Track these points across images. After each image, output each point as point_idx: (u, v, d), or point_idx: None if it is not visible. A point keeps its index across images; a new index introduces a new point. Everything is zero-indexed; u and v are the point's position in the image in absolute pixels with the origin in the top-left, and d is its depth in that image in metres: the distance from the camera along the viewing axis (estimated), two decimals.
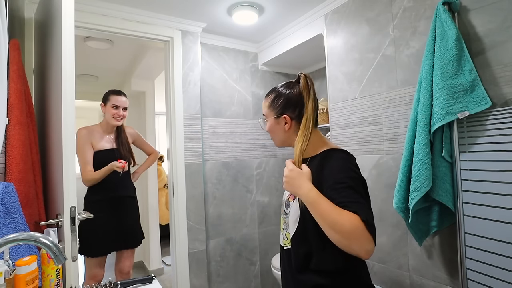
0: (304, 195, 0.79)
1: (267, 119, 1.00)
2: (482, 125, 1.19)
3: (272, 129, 0.99)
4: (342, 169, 0.83)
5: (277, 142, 1.01)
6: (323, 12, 1.96)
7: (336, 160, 0.86)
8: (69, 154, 1.13)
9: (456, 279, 1.32)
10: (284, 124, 0.96)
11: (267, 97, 1.00)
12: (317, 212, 0.75)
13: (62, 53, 1.11)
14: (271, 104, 0.99)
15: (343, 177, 0.80)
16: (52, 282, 0.88)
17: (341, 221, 0.71)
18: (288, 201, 0.97)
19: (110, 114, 1.90)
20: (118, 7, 1.85)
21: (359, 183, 0.82)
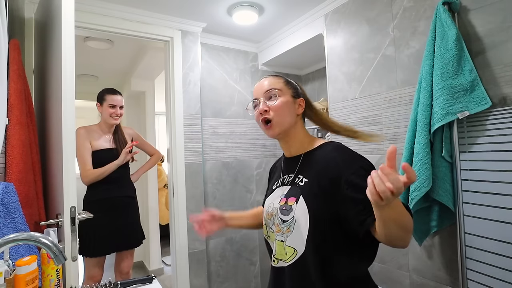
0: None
1: (279, 96, 0.87)
2: (482, 125, 1.19)
3: (287, 106, 0.87)
4: (357, 155, 0.79)
5: (282, 124, 0.86)
6: (323, 12, 1.96)
7: (343, 149, 0.82)
8: (69, 154, 1.13)
9: (456, 279, 1.32)
10: (298, 107, 0.90)
11: (275, 76, 0.92)
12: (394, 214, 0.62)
13: (62, 53, 1.11)
14: (287, 83, 0.91)
15: (364, 164, 0.76)
16: (52, 282, 0.88)
17: (408, 216, 0.65)
18: (286, 206, 0.83)
19: (107, 113, 1.90)
20: (118, 7, 1.85)
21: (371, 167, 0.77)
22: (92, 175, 1.79)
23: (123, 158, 1.86)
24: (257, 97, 0.91)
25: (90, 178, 1.80)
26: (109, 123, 1.92)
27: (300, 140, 0.90)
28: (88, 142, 1.85)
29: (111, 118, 1.90)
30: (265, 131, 0.90)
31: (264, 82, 0.91)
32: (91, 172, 1.79)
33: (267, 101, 0.88)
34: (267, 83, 0.90)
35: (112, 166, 1.83)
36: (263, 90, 0.89)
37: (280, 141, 0.93)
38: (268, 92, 0.89)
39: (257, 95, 0.91)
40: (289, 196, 0.84)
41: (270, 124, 0.87)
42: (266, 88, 0.89)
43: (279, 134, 0.88)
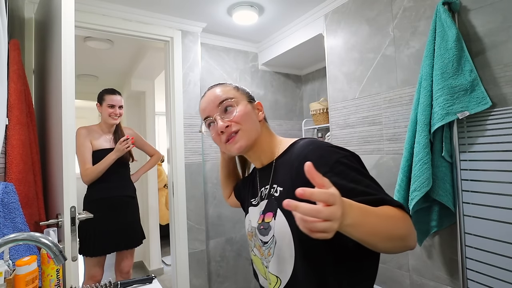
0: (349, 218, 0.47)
1: (236, 105, 0.74)
2: (482, 125, 1.19)
3: (249, 115, 0.75)
4: (331, 149, 0.65)
5: (249, 135, 0.74)
6: (323, 12, 1.96)
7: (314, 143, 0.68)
8: (69, 154, 1.13)
9: (456, 279, 1.32)
10: (258, 112, 0.79)
11: (221, 84, 0.79)
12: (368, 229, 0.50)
13: (62, 53, 1.11)
14: (238, 89, 0.78)
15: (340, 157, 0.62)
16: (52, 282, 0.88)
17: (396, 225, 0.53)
18: (264, 224, 0.71)
19: (106, 113, 1.91)
20: (118, 7, 1.85)
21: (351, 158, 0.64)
22: (92, 173, 1.79)
23: (119, 151, 1.83)
24: (210, 114, 0.75)
25: (90, 177, 1.80)
26: (109, 123, 1.92)
27: (269, 146, 0.79)
28: (88, 141, 1.85)
29: (110, 118, 1.91)
30: (226, 148, 0.75)
31: (213, 94, 0.76)
32: (91, 171, 1.79)
33: (223, 116, 0.74)
34: (215, 95, 0.76)
35: (108, 159, 1.81)
36: (215, 103, 0.74)
37: (247, 154, 0.80)
38: (222, 105, 0.74)
39: (209, 112, 0.75)
40: (266, 211, 0.72)
41: (232, 138, 0.73)
42: (218, 101, 0.74)
43: (246, 147, 0.74)
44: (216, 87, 0.78)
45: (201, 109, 0.78)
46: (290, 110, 2.79)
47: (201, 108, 0.78)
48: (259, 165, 0.82)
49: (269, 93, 2.67)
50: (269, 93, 2.67)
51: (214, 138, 0.77)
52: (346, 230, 0.47)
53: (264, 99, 2.63)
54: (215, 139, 0.76)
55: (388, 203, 0.56)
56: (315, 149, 0.66)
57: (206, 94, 0.78)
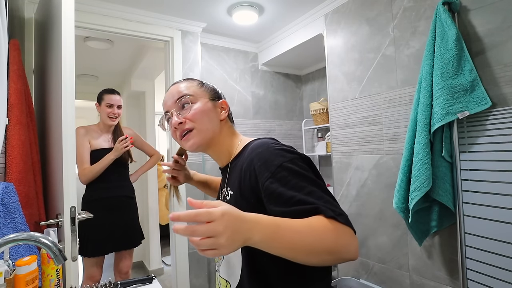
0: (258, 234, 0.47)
1: (192, 102, 0.73)
2: (482, 125, 1.19)
3: (205, 113, 0.73)
4: (278, 151, 0.62)
5: (203, 133, 0.73)
6: (323, 12, 1.96)
7: (262, 145, 0.66)
8: (69, 154, 1.13)
9: (456, 279, 1.32)
10: (221, 111, 0.78)
11: (186, 80, 0.79)
12: (284, 244, 0.49)
13: (62, 53, 1.11)
14: (202, 85, 0.78)
15: (284, 161, 0.60)
16: (52, 282, 0.88)
17: (320, 238, 0.50)
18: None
19: (105, 113, 1.90)
20: (118, 7, 1.85)
21: (299, 161, 0.61)
22: (89, 173, 1.79)
23: (118, 151, 1.83)
24: (168, 109, 0.75)
25: (88, 177, 1.79)
26: (107, 123, 1.92)
27: (228, 146, 0.78)
28: (87, 141, 1.85)
29: (108, 118, 1.90)
30: (182, 144, 0.76)
31: (175, 89, 0.76)
32: (88, 170, 1.79)
33: (180, 112, 0.74)
34: (176, 90, 0.75)
35: (107, 159, 1.81)
36: (174, 99, 0.74)
37: (207, 153, 0.80)
38: (179, 101, 0.73)
39: (168, 106, 0.75)
40: None
41: (187, 135, 0.73)
42: (176, 97, 0.74)
43: (199, 146, 0.74)
44: (181, 82, 0.78)
45: (163, 103, 0.78)
46: (290, 110, 2.79)
47: (163, 102, 0.78)
48: (221, 165, 0.82)
49: (269, 93, 2.67)
50: (269, 93, 2.67)
51: (172, 133, 0.76)
52: (259, 246, 0.48)
53: (264, 99, 2.63)
54: (172, 134, 0.76)
55: (321, 213, 0.53)
56: (262, 152, 0.64)
57: (170, 89, 0.78)
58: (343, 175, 1.86)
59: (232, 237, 0.44)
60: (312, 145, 2.74)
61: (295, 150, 0.64)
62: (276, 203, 0.57)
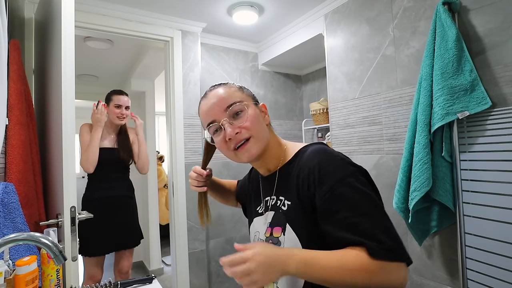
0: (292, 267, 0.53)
1: (244, 108, 0.67)
2: (482, 125, 1.19)
3: (258, 119, 0.68)
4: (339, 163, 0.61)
5: (261, 142, 0.68)
6: (323, 12, 1.96)
7: (322, 154, 0.63)
8: (69, 154, 1.13)
9: (456, 279, 1.32)
10: (264, 116, 0.72)
11: (225, 85, 0.71)
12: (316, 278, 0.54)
13: (62, 53, 1.11)
14: (243, 90, 0.72)
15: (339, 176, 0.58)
16: (52, 282, 0.88)
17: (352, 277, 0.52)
18: (273, 238, 0.68)
19: (113, 113, 1.92)
20: (118, 7, 1.85)
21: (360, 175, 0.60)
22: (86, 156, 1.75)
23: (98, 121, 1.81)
24: (216, 118, 0.67)
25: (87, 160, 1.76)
26: (115, 123, 1.94)
27: (276, 153, 0.73)
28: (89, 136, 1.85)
29: (116, 119, 1.92)
30: (236, 156, 0.68)
31: (217, 97, 0.68)
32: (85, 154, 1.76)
33: (233, 121, 0.66)
34: (220, 96, 0.68)
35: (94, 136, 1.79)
36: (223, 106, 0.66)
37: (254, 163, 0.74)
38: (230, 109, 0.66)
39: (214, 116, 0.67)
40: (274, 225, 0.69)
41: (243, 145, 0.66)
42: (225, 104, 0.66)
43: (257, 156, 0.68)
44: (219, 87, 0.70)
45: (204, 113, 0.69)
46: (290, 110, 2.79)
47: (203, 111, 0.69)
48: (264, 173, 0.77)
49: (269, 93, 2.67)
50: (269, 93, 2.67)
51: (220, 146, 0.69)
52: (297, 276, 0.55)
53: (264, 99, 2.63)
54: (221, 147, 0.68)
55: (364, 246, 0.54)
56: (322, 162, 0.62)
57: (209, 96, 0.69)
58: None
59: (266, 272, 0.52)
60: None
61: (354, 163, 0.63)
62: (327, 221, 0.58)
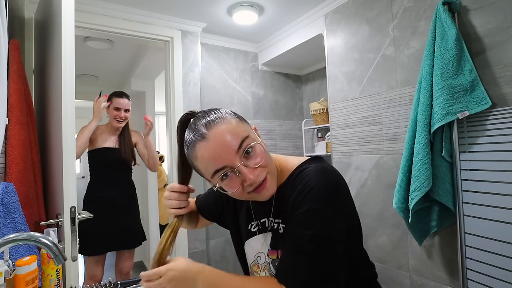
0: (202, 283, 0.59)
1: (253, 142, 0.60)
2: (482, 125, 1.19)
3: (265, 150, 0.62)
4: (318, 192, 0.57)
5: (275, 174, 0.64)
6: (323, 12, 1.96)
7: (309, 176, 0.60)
8: (69, 154, 1.13)
9: (456, 279, 1.32)
10: (261, 139, 0.64)
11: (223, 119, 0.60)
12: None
13: (62, 53, 1.11)
14: (239, 118, 0.63)
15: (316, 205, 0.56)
16: (52, 282, 0.88)
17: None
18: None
19: (112, 115, 1.93)
20: (118, 7, 1.85)
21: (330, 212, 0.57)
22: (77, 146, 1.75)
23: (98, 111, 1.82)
24: (229, 164, 0.58)
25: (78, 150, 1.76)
26: (113, 125, 1.94)
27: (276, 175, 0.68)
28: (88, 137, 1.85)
29: (115, 121, 1.93)
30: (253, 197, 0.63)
31: (222, 136, 0.58)
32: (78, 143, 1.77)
33: (247, 161, 0.59)
34: (231, 135, 0.58)
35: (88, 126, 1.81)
36: (234, 148, 0.58)
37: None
38: (241, 147, 0.58)
39: (227, 160, 0.58)
40: (278, 247, 0.68)
41: (263, 185, 0.61)
42: (237, 143, 0.58)
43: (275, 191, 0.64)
44: (220, 124, 0.58)
45: (209, 159, 0.58)
46: (290, 110, 2.79)
47: (207, 157, 0.58)
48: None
49: (269, 93, 2.67)
50: (269, 93, 2.67)
51: (233, 192, 0.61)
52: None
53: (264, 99, 2.63)
54: (236, 192, 0.61)
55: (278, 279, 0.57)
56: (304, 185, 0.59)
57: (211, 137, 0.57)
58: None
59: (176, 286, 0.58)
60: (312, 145, 2.74)
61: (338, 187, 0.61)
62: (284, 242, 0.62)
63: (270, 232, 0.70)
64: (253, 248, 0.74)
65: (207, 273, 0.59)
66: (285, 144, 2.73)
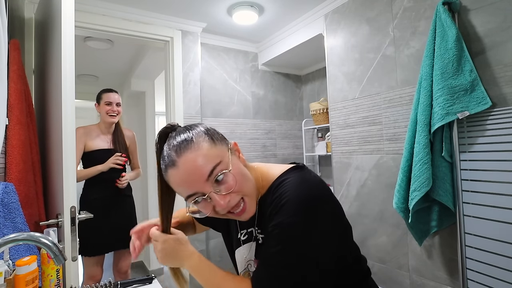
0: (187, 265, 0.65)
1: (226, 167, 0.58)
2: (482, 125, 1.19)
3: (243, 171, 0.61)
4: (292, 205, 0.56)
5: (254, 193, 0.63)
6: (323, 12, 1.96)
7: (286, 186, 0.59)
8: (69, 154, 1.13)
9: (456, 279, 1.32)
10: (239, 157, 0.64)
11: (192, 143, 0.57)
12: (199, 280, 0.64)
13: (62, 53, 1.11)
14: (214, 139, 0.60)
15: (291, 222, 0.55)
16: (52, 282, 0.88)
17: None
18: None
19: (104, 111, 1.90)
20: (118, 7, 1.85)
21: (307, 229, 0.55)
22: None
23: (107, 166, 1.84)
24: (199, 190, 0.58)
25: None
26: (107, 121, 1.91)
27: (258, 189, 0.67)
28: (82, 143, 1.83)
29: (108, 116, 1.90)
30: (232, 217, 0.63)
31: (192, 165, 0.56)
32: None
33: (219, 187, 0.58)
34: (200, 163, 0.56)
35: (94, 169, 1.82)
36: (203, 177, 0.56)
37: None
38: (212, 175, 0.57)
39: (196, 188, 0.57)
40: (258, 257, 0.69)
41: (242, 208, 0.61)
42: (206, 172, 0.56)
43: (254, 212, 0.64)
44: (188, 151, 0.57)
45: (178, 185, 0.59)
46: (290, 110, 2.79)
47: (177, 183, 0.59)
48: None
49: (269, 93, 2.67)
50: (269, 93, 2.67)
51: (208, 214, 0.61)
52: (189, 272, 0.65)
53: (264, 99, 2.63)
54: (210, 214, 0.61)
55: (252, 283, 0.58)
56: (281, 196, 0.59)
57: (180, 165, 0.56)
58: (343, 175, 1.86)
59: (164, 257, 0.65)
60: (312, 145, 2.74)
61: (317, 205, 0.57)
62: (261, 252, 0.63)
63: (255, 242, 0.70)
64: (242, 256, 0.75)
65: (195, 260, 0.64)
66: (285, 144, 2.73)
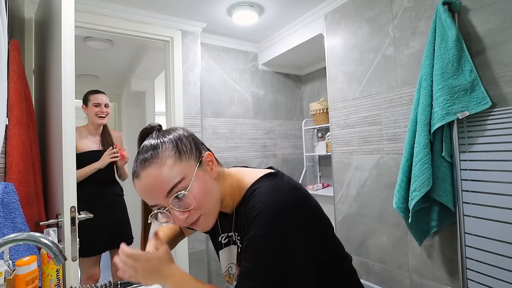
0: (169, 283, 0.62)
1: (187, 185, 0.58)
2: (482, 125, 1.19)
3: (206, 189, 0.61)
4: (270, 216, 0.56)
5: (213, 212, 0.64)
6: (323, 12, 1.96)
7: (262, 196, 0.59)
8: (69, 154, 1.13)
9: (456, 279, 1.32)
10: (210, 168, 0.64)
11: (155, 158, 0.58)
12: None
13: (62, 53, 1.11)
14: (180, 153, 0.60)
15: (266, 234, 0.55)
16: (52, 282, 0.88)
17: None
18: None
19: (93, 113, 1.90)
20: (118, 7, 1.85)
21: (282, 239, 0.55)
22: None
23: (104, 161, 1.83)
24: (159, 203, 0.59)
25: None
26: (96, 123, 1.91)
27: (230, 196, 0.67)
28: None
29: (97, 118, 1.90)
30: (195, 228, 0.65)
31: (153, 181, 0.57)
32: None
33: (179, 203, 0.58)
34: (160, 179, 0.57)
35: (91, 168, 1.81)
36: (163, 192, 0.58)
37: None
38: (172, 193, 0.57)
39: (156, 201, 0.59)
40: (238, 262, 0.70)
41: (195, 223, 0.62)
42: (166, 189, 0.57)
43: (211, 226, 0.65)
44: (151, 166, 0.57)
45: (142, 196, 0.61)
46: (290, 110, 2.79)
47: (140, 193, 0.61)
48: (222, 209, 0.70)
49: (269, 93, 2.67)
50: (269, 93, 2.67)
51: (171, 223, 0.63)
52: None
53: (264, 99, 2.64)
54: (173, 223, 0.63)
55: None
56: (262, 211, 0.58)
57: (142, 178, 0.58)
58: (343, 175, 1.86)
59: (146, 277, 0.62)
60: (312, 145, 2.74)
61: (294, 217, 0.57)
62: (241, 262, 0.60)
63: (235, 246, 0.71)
64: (224, 259, 0.76)
65: (176, 278, 0.63)
66: (285, 144, 2.73)
